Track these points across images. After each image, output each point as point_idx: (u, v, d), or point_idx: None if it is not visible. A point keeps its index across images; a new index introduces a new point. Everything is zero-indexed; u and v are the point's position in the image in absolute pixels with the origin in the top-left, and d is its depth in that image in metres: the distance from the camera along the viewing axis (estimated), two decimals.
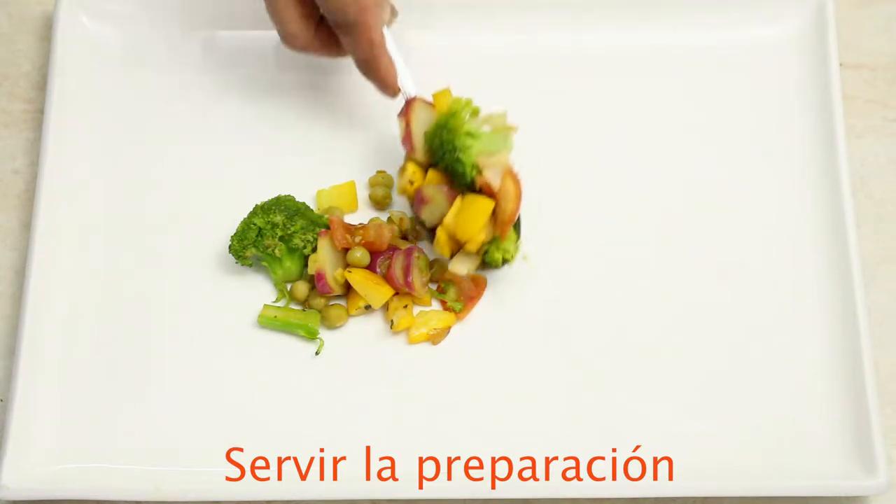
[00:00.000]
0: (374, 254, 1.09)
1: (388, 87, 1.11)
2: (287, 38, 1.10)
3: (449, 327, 1.09)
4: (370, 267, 1.09)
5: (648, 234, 1.13)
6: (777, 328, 1.09)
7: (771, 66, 1.19)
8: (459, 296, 1.09)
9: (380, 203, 1.14)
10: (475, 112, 1.12)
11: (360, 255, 1.09)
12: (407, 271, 1.08)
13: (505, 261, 1.09)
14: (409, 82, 1.12)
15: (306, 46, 1.11)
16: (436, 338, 1.09)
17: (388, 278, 1.08)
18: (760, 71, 1.19)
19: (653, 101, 1.18)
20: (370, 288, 1.08)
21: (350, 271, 1.08)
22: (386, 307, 1.10)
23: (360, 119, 1.18)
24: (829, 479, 1.02)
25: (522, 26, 1.20)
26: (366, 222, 1.11)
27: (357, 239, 1.09)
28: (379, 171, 1.15)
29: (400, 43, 1.13)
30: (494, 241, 1.08)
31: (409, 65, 1.13)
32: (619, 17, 1.20)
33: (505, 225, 1.07)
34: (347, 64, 1.18)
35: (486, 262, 1.10)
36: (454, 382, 1.08)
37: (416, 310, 1.10)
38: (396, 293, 1.09)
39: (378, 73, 1.10)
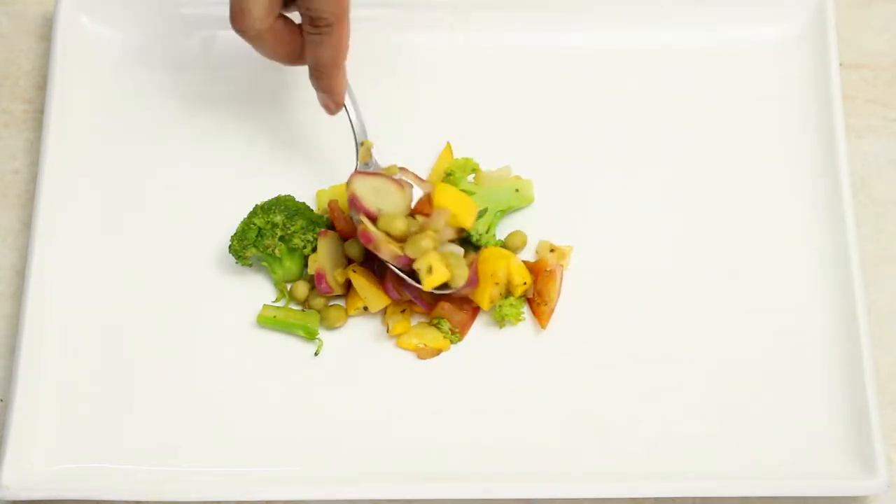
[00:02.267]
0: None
1: (336, 99, 1.09)
2: (240, 19, 1.02)
3: (440, 350, 1.08)
4: (369, 264, 1.09)
5: (645, 234, 1.13)
6: (777, 328, 1.09)
7: (771, 66, 1.19)
8: (453, 328, 1.09)
9: None
10: (474, 169, 1.13)
11: (359, 250, 1.09)
12: (400, 280, 1.08)
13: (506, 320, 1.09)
14: (355, 109, 1.11)
15: (259, 35, 1.04)
16: (423, 353, 1.08)
17: (386, 288, 1.08)
18: (760, 71, 1.19)
19: (652, 101, 1.18)
20: (371, 291, 1.08)
21: (354, 270, 1.08)
22: (384, 310, 1.10)
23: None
24: (829, 479, 1.02)
25: (519, 26, 1.20)
26: None
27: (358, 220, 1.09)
28: None
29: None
30: (508, 299, 1.09)
31: (419, 69, 1.15)
32: (618, 16, 1.20)
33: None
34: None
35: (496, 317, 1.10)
36: (454, 382, 1.08)
37: (418, 319, 1.10)
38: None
39: (333, 82, 1.07)
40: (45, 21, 1.24)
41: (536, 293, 1.09)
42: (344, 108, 1.10)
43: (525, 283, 1.08)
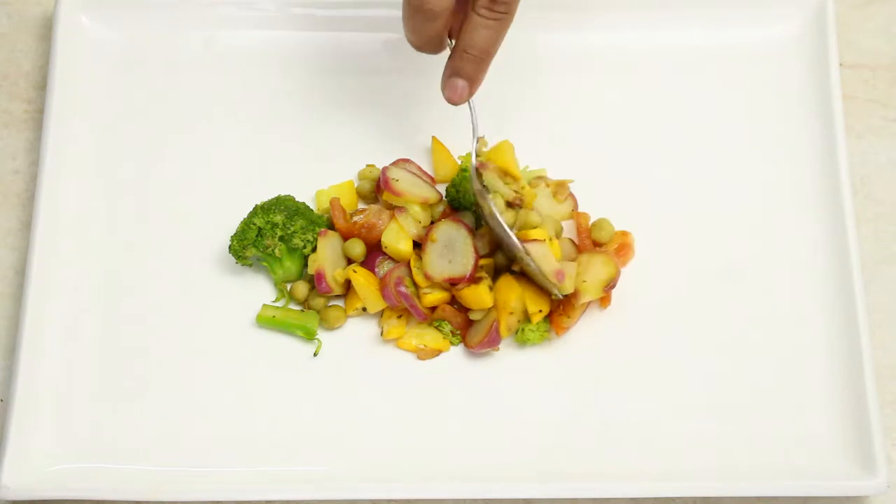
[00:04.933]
0: (373, 253, 1.09)
1: (473, 87, 1.04)
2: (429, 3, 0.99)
3: (440, 351, 1.08)
4: (369, 264, 1.09)
5: (645, 233, 1.13)
6: (777, 328, 1.09)
7: (771, 66, 1.19)
8: (454, 330, 1.09)
9: (366, 197, 1.14)
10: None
11: (358, 250, 1.09)
12: (399, 282, 1.07)
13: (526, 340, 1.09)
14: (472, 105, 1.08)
15: (443, 11, 1.00)
16: (423, 354, 1.08)
17: (383, 293, 1.08)
18: (760, 71, 1.19)
19: (652, 101, 1.18)
20: (369, 292, 1.08)
21: (354, 270, 1.08)
22: (381, 313, 1.10)
23: (360, 119, 1.18)
24: (829, 479, 1.02)
25: (520, 25, 1.20)
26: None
27: (359, 218, 1.09)
28: (368, 165, 1.15)
29: None
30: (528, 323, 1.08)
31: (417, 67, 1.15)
32: (619, 16, 1.20)
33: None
34: (347, 63, 1.19)
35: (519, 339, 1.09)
36: (454, 383, 1.08)
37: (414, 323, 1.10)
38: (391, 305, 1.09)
39: (480, 68, 1.03)
40: (45, 21, 1.24)
41: (565, 303, 1.08)
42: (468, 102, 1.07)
43: (541, 311, 1.07)
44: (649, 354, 1.08)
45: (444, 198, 1.12)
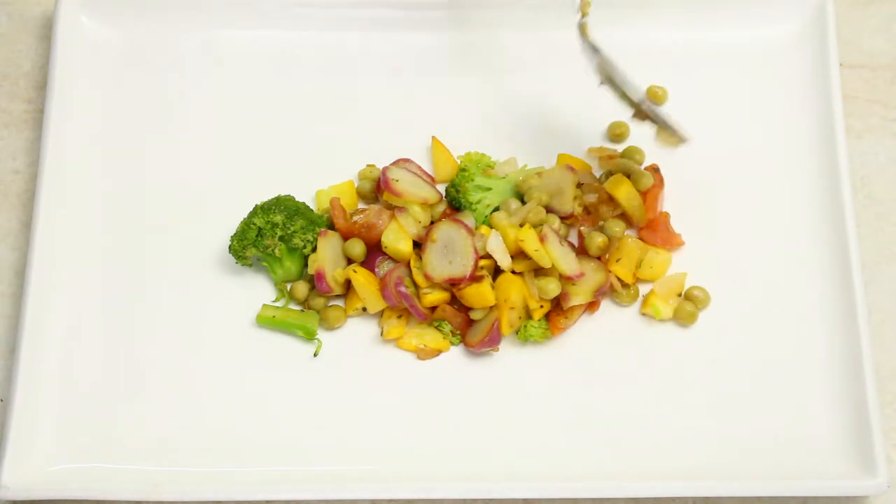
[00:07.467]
0: (373, 253, 1.09)
1: None
2: None
3: (440, 351, 1.08)
4: (369, 264, 1.09)
5: None
6: (777, 328, 1.09)
7: (771, 66, 1.19)
8: (454, 330, 1.09)
9: (366, 197, 1.14)
10: (489, 165, 1.13)
11: (358, 250, 1.09)
12: (399, 282, 1.07)
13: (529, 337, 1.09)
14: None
15: None
16: (423, 354, 1.08)
17: (383, 293, 1.08)
18: (760, 71, 1.19)
19: None
20: (370, 292, 1.08)
21: (354, 270, 1.08)
22: (381, 313, 1.10)
23: (360, 119, 1.18)
24: (829, 479, 1.02)
25: (519, 25, 1.20)
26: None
27: (359, 218, 1.09)
28: (368, 165, 1.15)
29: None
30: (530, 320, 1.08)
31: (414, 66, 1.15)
32: (619, 16, 1.20)
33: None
34: (347, 63, 1.19)
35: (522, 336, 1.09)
36: (454, 383, 1.08)
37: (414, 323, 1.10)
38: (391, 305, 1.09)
39: None
40: (45, 21, 1.24)
41: (563, 303, 1.08)
42: None
43: (542, 307, 1.07)
44: (649, 354, 1.08)
45: (444, 198, 1.13)
